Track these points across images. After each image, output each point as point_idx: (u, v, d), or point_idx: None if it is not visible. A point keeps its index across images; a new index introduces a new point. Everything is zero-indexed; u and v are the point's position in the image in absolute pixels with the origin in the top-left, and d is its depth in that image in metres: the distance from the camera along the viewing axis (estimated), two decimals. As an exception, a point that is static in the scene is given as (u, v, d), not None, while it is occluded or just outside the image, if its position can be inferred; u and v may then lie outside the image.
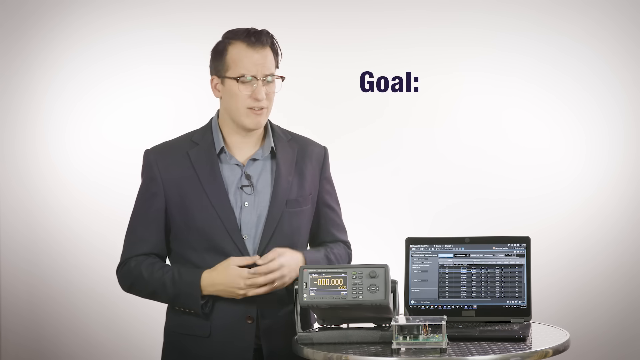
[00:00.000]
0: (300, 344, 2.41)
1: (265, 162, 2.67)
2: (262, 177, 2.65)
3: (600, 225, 4.00)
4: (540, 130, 4.01)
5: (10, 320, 4.04)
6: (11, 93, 4.03)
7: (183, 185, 2.62)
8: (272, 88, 2.62)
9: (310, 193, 2.70)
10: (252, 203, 2.62)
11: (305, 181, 2.69)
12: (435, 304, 2.69)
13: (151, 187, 2.64)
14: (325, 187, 2.75)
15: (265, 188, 2.64)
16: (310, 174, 2.71)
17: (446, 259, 2.71)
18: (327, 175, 2.77)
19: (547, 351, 2.30)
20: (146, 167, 2.68)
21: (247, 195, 2.63)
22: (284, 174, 2.65)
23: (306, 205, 2.69)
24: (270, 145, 2.67)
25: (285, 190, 2.64)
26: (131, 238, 2.66)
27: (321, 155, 2.76)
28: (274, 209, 2.62)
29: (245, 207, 2.62)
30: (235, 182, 2.63)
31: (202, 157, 2.63)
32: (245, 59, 2.58)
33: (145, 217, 2.65)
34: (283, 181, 2.64)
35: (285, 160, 2.67)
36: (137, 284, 2.63)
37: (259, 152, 2.66)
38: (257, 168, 2.66)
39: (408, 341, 2.28)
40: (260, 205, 2.63)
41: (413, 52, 4.03)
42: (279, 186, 2.63)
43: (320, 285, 2.39)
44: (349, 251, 2.79)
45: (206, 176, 2.61)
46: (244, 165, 2.65)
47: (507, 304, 2.67)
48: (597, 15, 3.98)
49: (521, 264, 2.68)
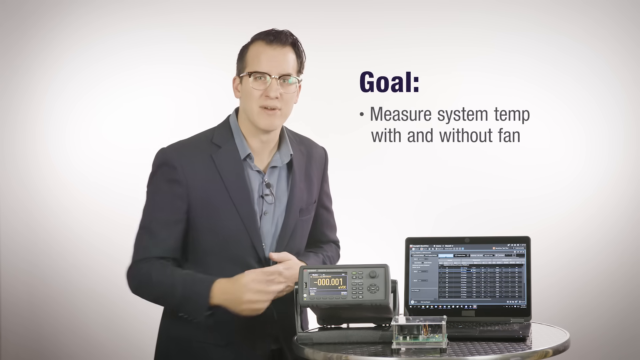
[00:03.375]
0: (300, 344, 2.41)
1: (282, 170, 2.63)
2: (279, 186, 2.62)
3: (600, 225, 4.00)
4: (540, 130, 4.01)
5: (10, 320, 4.04)
6: (11, 93, 4.03)
7: (208, 190, 2.54)
8: (288, 89, 2.56)
9: (315, 200, 2.70)
10: (271, 212, 2.60)
11: (313, 188, 2.68)
12: (435, 304, 2.69)
13: (175, 188, 2.54)
14: (324, 189, 2.75)
15: (282, 197, 2.61)
16: (317, 179, 2.70)
17: (446, 259, 2.71)
18: (326, 177, 2.76)
19: (547, 351, 2.30)
20: (166, 167, 2.55)
21: (268, 205, 2.59)
22: (298, 182, 2.63)
23: (312, 213, 2.69)
24: (290, 152, 2.62)
25: (299, 199, 2.62)
26: (149, 239, 2.54)
27: (323, 158, 2.75)
28: (290, 218, 2.60)
29: (264, 216, 2.59)
30: (257, 190, 2.59)
31: (228, 161, 2.56)
32: (262, 55, 2.55)
33: (167, 219, 2.54)
34: (297, 190, 2.62)
35: (300, 168, 2.64)
36: (145, 287, 2.54)
37: (277, 159, 2.62)
38: (275, 176, 2.62)
39: (408, 341, 2.28)
40: (277, 214, 2.60)
41: (413, 52, 4.03)
42: (294, 195, 2.61)
43: (320, 285, 2.39)
44: (339, 251, 2.80)
45: (232, 183, 2.55)
46: (264, 173, 2.61)
47: (507, 304, 2.67)
48: (597, 15, 3.98)
49: (521, 264, 2.68)
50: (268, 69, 2.54)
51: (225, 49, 2.72)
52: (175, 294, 2.49)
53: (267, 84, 2.54)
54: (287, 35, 2.58)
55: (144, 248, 2.55)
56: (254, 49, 2.57)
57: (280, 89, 2.55)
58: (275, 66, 2.54)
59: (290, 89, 2.57)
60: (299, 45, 2.60)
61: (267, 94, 2.54)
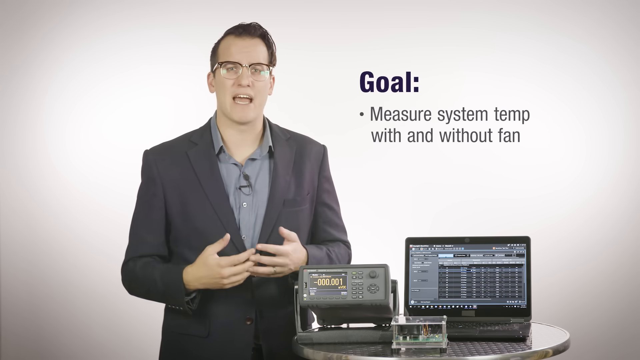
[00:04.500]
0: (300, 344, 2.41)
1: (263, 162, 2.66)
2: (260, 177, 2.65)
3: (600, 225, 4.00)
4: (540, 130, 4.01)
5: (10, 320, 4.04)
6: (11, 93, 4.03)
7: (183, 186, 2.62)
8: (260, 78, 2.62)
9: (309, 192, 2.70)
10: (251, 203, 2.62)
11: (304, 180, 2.69)
12: (435, 304, 2.69)
13: (151, 188, 2.64)
14: (323, 185, 2.75)
15: (263, 188, 2.64)
16: (309, 172, 2.71)
17: (446, 259, 2.71)
18: (326, 174, 2.76)
19: (547, 351, 2.30)
20: (145, 167, 2.67)
21: (246, 196, 2.62)
22: (281, 173, 2.65)
23: (304, 205, 2.68)
24: (269, 145, 2.66)
25: (282, 190, 2.64)
26: (133, 239, 2.66)
27: (320, 153, 2.76)
28: (272, 209, 2.62)
29: (243, 208, 2.62)
30: (234, 182, 2.63)
31: (201, 157, 2.63)
32: (232, 46, 2.62)
33: (146, 218, 2.64)
34: (281, 181, 2.64)
35: (283, 160, 2.67)
36: (134, 284, 2.64)
37: (257, 151, 2.66)
38: (255, 168, 2.65)
39: (408, 341, 2.28)
40: (258, 205, 2.62)
41: (413, 52, 4.03)
42: (276, 186, 2.63)
43: (320, 285, 2.39)
44: (349, 251, 2.79)
45: (206, 176, 2.61)
46: (242, 165, 2.64)
47: (507, 304, 2.67)
48: (597, 15, 3.98)
49: (521, 264, 2.68)
50: (239, 58, 2.61)
51: (225, 49, 2.74)
52: (158, 286, 2.57)
53: (238, 73, 2.60)
54: (255, 27, 2.65)
55: (132, 248, 2.66)
56: (225, 43, 2.65)
57: (252, 77, 2.60)
58: (245, 56, 2.61)
59: (262, 78, 2.62)
60: (268, 37, 2.67)
61: (239, 82, 2.60)
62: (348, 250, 2.79)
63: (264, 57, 2.63)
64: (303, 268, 2.41)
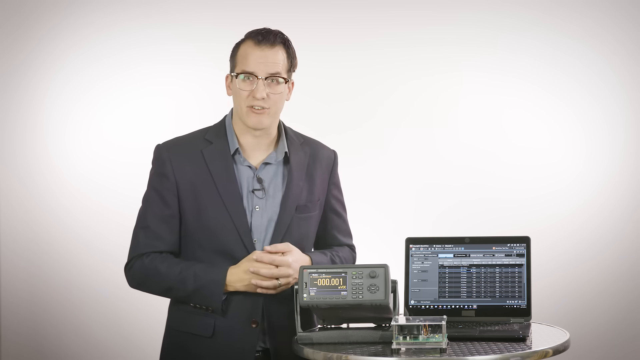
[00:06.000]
0: (300, 344, 2.41)
1: (278, 167, 2.65)
2: (274, 182, 2.64)
3: (600, 225, 4.00)
4: (540, 130, 4.02)
5: (10, 320, 4.04)
6: (11, 93, 4.03)
7: (196, 185, 2.59)
8: (276, 89, 2.58)
9: (319, 199, 2.70)
10: (263, 207, 2.61)
11: (315, 186, 2.68)
12: (435, 304, 2.69)
13: (165, 183, 2.60)
14: (333, 192, 2.75)
15: (276, 193, 2.63)
16: (320, 178, 2.71)
17: (446, 259, 2.71)
18: (335, 180, 2.77)
19: (547, 351, 2.30)
20: (159, 162, 2.63)
21: (258, 199, 2.61)
22: (295, 179, 2.64)
23: (314, 211, 2.68)
24: (284, 150, 2.65)
25: (295, 196, 2.63)
26: (144, 235, 2.60)
27: (331, 159, 2.76)
28: (284, 214, 2.61)
29: (256, 211, 2.60)
30: (247, 185, 2.61)
31: (217, 157, 2.61)
32: (250, 56, 2.58)
33: (161, 214, 2.60)
34: (294, 187, 2.63)
35: (298, 165, 2.66)
36: (152, 280, 2.58)
37: (272, 156, 2.64)
38: (270, 172, 2.64)
39: (408, 341, 2.28)
40: (270, 209, 2.62)
41: (413, 52, 4.03)
42: (290, 191, 2.62)
43: (320, 285, 2.39)
44: (354, 254, 2.80)
45: (220, 177, 2.59)
46: (256, 169, 2.63)
47: (507, 304, 2.67)
48: (597, 15, 3.98)
49: (521, 264, 2.68)
50: (255, 69, 2.57)
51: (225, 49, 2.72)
52: (187, 284, 2.54)
53: (254, 85, 2.57)
54: (276, 34, 2.60)
55: (143, 243, 2.60)
56: (243, 49, 2.60)
57: (268, 89, 2.57)
58: (262, 67, 2.57)
59: (278, 89, 2.59)
60: (289, 44, 2.62)
61: (254, 94, 2.56)
62: (353, 253, 2.80)
63: (283, 66, 2.59)
64: (303, 268, 2.41)
